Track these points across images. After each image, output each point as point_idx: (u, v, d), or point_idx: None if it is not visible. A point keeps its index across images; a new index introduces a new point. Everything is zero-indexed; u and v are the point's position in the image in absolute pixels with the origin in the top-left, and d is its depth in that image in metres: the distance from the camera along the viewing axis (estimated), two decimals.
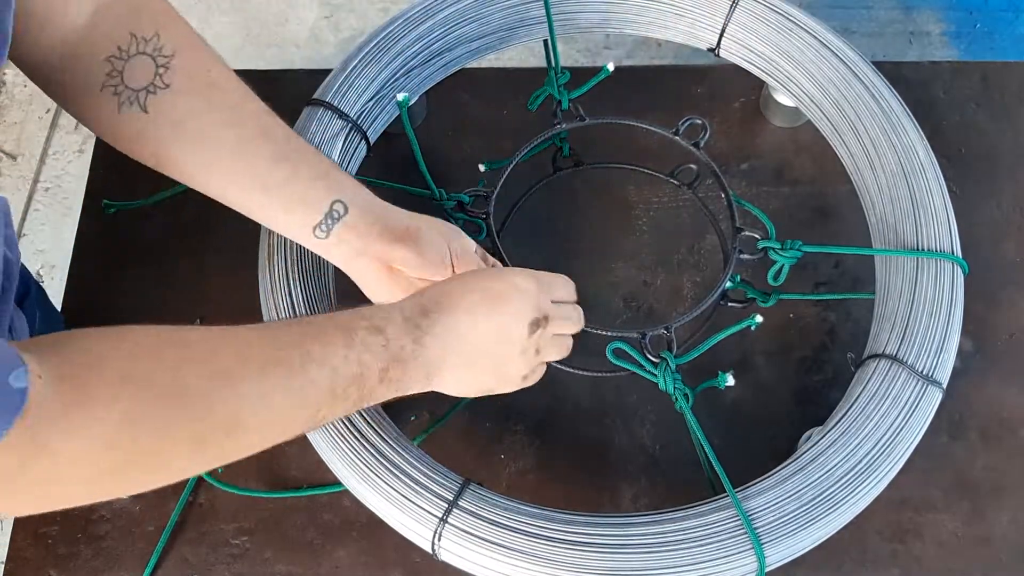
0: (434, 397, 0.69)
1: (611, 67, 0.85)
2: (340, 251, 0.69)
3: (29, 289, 0.81)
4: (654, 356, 0.73)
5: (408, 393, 0.63)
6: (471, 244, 0.71)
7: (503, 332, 0.64)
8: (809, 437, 0.77)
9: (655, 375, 0.73)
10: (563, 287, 0.70)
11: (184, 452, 0.52)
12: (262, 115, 0.68)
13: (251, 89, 0.69)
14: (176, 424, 0.51)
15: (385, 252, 0.68)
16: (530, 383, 0.68)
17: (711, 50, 0.91)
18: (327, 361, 0.57)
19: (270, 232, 0.77)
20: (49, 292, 0.87)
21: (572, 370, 0.78)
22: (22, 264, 0.77)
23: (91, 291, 0.89)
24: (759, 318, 0.76)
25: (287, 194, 0.67)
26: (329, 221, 0.68)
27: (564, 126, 0.84)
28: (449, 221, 0.79)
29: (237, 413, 0.53)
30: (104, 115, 0.65)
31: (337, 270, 0.79)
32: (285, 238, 0.75)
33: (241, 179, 0.68)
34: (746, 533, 0.66)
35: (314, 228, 0.68)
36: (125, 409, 0.48)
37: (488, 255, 0.73)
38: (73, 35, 0.63)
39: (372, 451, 0.69)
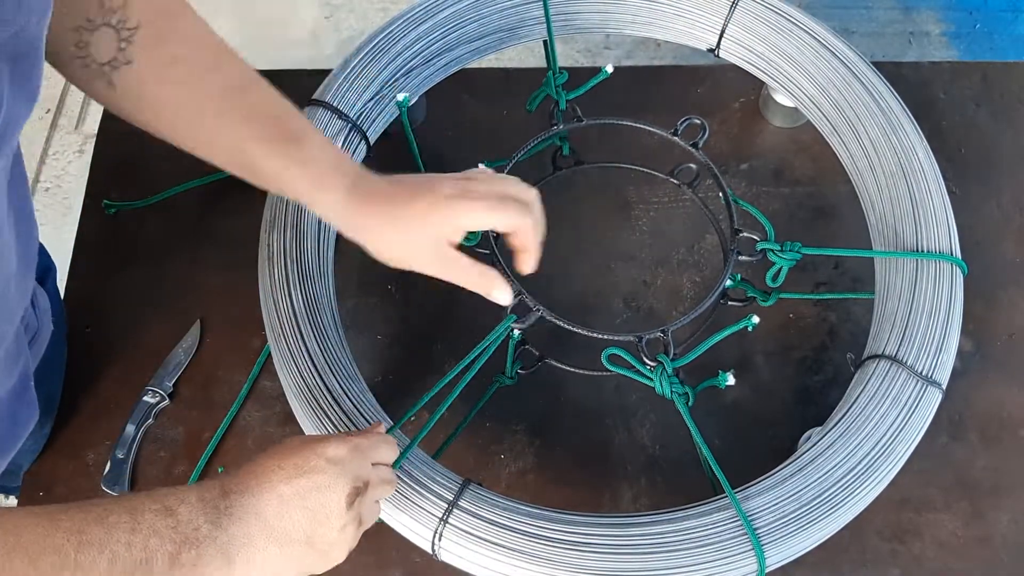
0: (434, 396, 0.70)
1: (610, 69, 0.86)
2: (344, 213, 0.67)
3: (51, 267, 0.81)
4: (651, 360, 0.73)
5: None
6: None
7: (319, 513, 0.58)
8: (809, 437, 0.77)
9: (651, 379, 0.73)
10: (386, 449, 0.64)
11: None
12: (226, 93, 0.66)
13: (226, 55, 0.67)
14: None
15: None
16: (347, 552, 0.62)
17: (711, 50, 0.91)
18: (107, 546, 0.52)
19: (270, 232, 0.77)
20: None
21: (572, 370, 0.78)
22: (40, 243, 0.74)
23: (91, 291, 0.89)
24: (756, 319, 0.76)
25: (256, 171, 0.66)
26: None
27: (562, 127, 0.84)
28: None
29: None
30: (83, 84, 0.64)
31: (336, 270, 0.80)
32: (285, 238, 0.76)
33: (212, 153, 0.67)
34: (746, 534, 0.66)
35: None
36: None
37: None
38: None
39: None
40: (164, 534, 0.53)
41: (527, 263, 0.67)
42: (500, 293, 0.67)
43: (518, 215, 0.65)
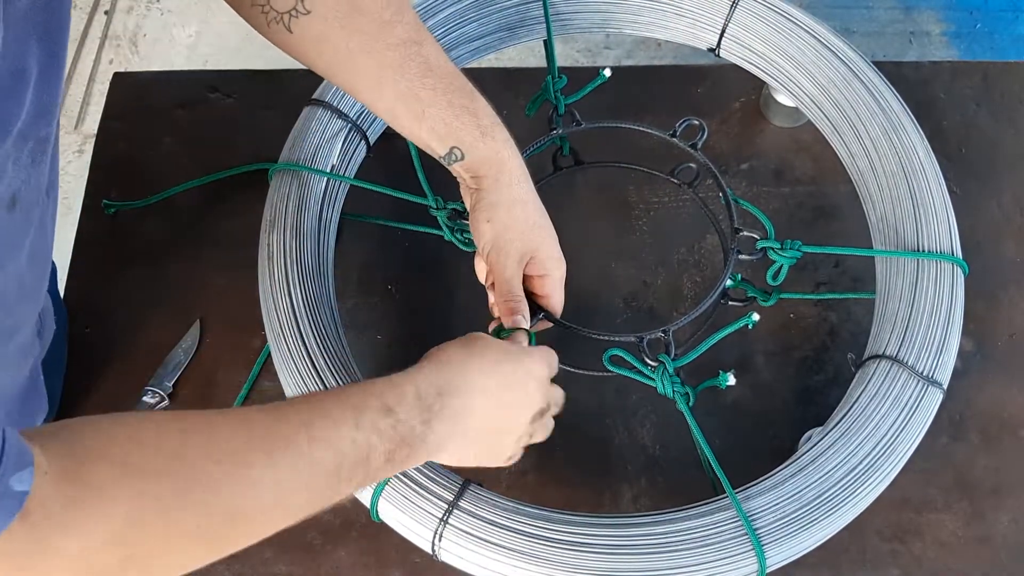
0: None
1: (607, 72, 0.86)
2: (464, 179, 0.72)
3: (52, 266, 0.81)
4: (652, 360, 0.73)
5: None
6: (515, 258, 0.71)
7: (508, 420, 0.64)
8: (810, 437, 0.77)
9: (652, 379, 0.73)
10: (555, 362, 0.69)
11: (188, 545, 0.49)
12: (401, 45, 0.69)
13: (404, 10, 0.69)
14: (181, 516, 0.48)
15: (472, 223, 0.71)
16: (511, 463, 0.68)
17: (711, 50, 0.91)
18: (334, 443, 0.54)
19: (270, 232, 0.77)
20: None
21: (573, 370, 0.78)
22: None
23: (91, 291, 0.89)
24: (756, 316, 0.76)
25: (420, 128, 0.70)
26: (451, 159, 0.70)
27: (561, 131, 0.84)
28: (444, 231, 0.80)
29: (243, 499, 0.51)
30: (258, 25, 0.68)
31: (337, 270, 0.80)
32: (285, 238, 0.76)
33: (381, 104, 0.70)
34: (746, 534, 0.66)
35: (443, 158, 0.71)
36: (130, 505, 0.46)
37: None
38: None
39: None
40: (384, 433, 0.56)
41: None
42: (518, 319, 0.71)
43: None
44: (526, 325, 0.70)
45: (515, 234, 0.70)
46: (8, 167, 0.50)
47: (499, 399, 0.63)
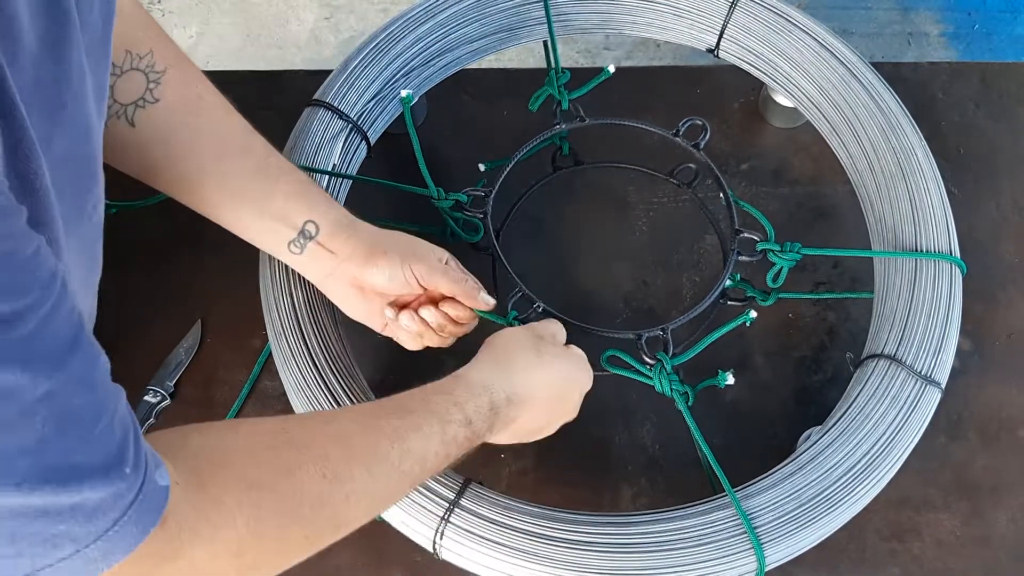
0: None
1: (612, 69, 0.86)
2: (313, 268, 0.71)
3: None
4: (650, 358, 0.73)
5: None
6: (434, 258, 0.72)
7: (552, 421, 0.70)
8: (808, 436, 0.77)
9: (651, 378, 0.73)
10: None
11: (296, 551, 0.54)
12: (245, 132, 0.70)
13: (233, 108, 0.71)
14: (292, 527, 0.52)
15: (354, 273, 0.70)
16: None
17: (710, 51, 0.91)
18: (422, 457, 0.59)
19: None
20: None
21: None
22: None
23: None
24: (753, 313, 0.76)
25: (263, 209, 0.69)
26: (302, 239, 0.70)
27: (564, 127, 0.84)
28: (447, 221, 0.80)
29: (345, 511, 0.55)
30: None
31: None
32: None
33: (220, 193, 0.69)
34: (746, 533, 0.67)
35: (288, 244, 0.70)
36: (249, 516, 0.49)
37: (457, 263, 0.74)
38: None
39: None
40: (461, 444, 0.61)
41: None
42: (485, 297, 0.73)
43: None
44: (489, 297, 0.72)
45: (405, 241, 0.72)
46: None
47: (553, 408, 0.69)
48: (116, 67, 0.65)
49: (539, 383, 0.67)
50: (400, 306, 0.72)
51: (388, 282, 0.70)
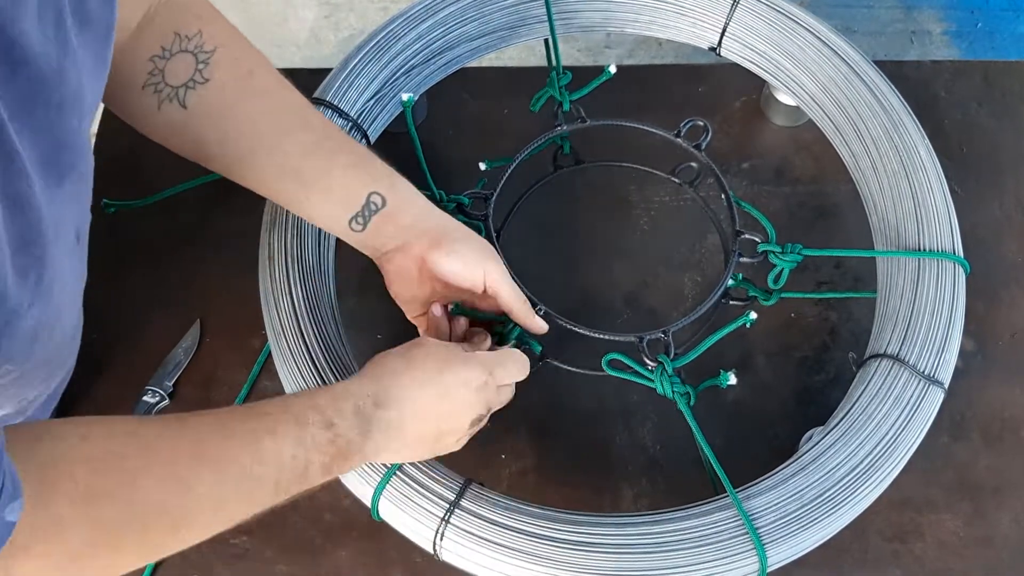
0: None
1: (613, 69, 0.85)
2: (376, 243, 0.69)
3: None
4: (652, 360, 0.73)
5: None
6: (503, 269, 0.70)
7: (446, 426, 0.65)
8: (810, 437, 0.77)
9: (652, 381, 0.73)
10: (518, 368, 0.69)
11: (131, 557, 0.53)
12: (299, 106, 0.69)
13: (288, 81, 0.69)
14: (128, 535, 0.51)
15: (424, 253, 0.68)
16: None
17: (712, 49, 0.91)
18: (276, 461, 0.57)
19: (270, 232, 0.77)
20: None
21: (573, 370, 0.78)
22: None
23: (91, 290, 0.88)
24: (754, 315, 0.76)
25: (324, 185, 0.68)
26: (366, 212, 0.68)
27: (565, 128, 0.84)
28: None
29: (186, 515, 0.54)
30: (144, 111, 0.67)
31: (337, 270, 0.79)
32: (285, 237, 0.75)
33: (277, 170, 0.68)
34: (747, 533, 0.66)
35: (351, 220, 0.68)
36: (87, 531, 0.49)
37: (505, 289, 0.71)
38: (120, 41, 0.63)
39: None
40: (324, 448, 0.58)
41: None
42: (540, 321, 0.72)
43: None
44: (543, 322, 0.72)
45: (477, 237, 0.70)
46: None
47: (436, 409, 0.64)
48: (165, 50, 0.65)
49: (411, 381, 0.63)
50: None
51: (459, 271, 0.68)
